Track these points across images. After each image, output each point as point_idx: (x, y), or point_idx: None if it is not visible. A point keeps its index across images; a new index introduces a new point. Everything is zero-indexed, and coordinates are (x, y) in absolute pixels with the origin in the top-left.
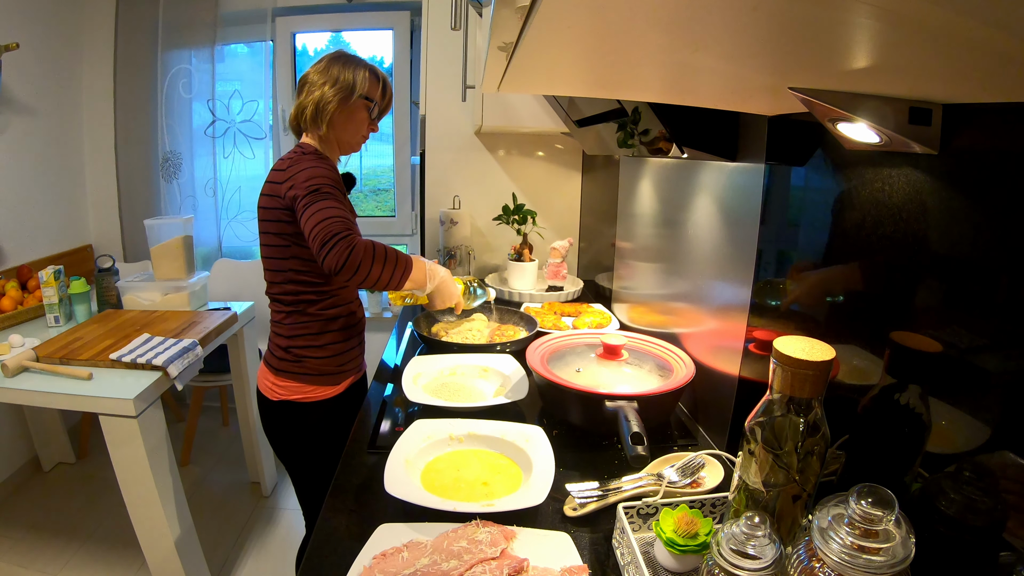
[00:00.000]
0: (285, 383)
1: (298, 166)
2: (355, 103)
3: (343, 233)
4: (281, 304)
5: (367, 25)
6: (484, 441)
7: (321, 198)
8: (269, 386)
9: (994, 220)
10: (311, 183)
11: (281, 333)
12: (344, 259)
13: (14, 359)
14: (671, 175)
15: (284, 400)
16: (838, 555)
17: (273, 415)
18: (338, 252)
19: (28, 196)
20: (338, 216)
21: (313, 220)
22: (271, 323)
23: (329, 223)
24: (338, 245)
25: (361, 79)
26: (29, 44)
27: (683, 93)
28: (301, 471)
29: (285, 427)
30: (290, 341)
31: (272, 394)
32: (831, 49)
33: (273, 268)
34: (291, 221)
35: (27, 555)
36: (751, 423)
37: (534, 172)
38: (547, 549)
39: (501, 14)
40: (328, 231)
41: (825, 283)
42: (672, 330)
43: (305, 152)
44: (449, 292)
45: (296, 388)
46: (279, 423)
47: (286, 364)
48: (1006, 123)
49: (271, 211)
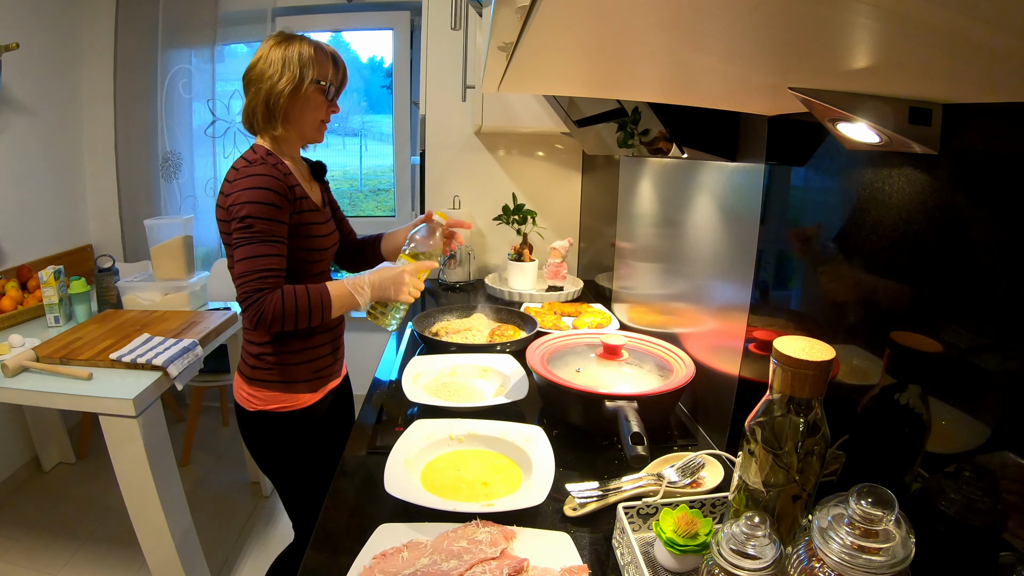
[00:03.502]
0: (261, 392)
1: (241, 183)
2: (308, 90)
3: (254, 296)
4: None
5: (367, 25)
6: (484, 441)
7: (247, 239)
8: (245, 396)
9: (994, 220)
10: (244, 212)
11: (252, 340)
12: (256, 321)
13: (14, 359)
14: (671, 175)
15: (261, 411)
16: (838, 555)
17: (251, 426)
18: (251, 315)
19: (28, 196)
20: (256, 270)
21: (236, 269)
22: (243, 331)
23: (246, 280)
24: (250, 309)
25: (308, 61)
26: (29, 44)
27: (683, 93)
28: (286, 482)
29: (265, 438)
30: (261, 348)
31: (248, 404)
32: (831, 49)
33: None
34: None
35: (27, 555)
36: (751, 423)
37: (534, 172)
38: (547, 549)
39: (501, 14)
40: (244, 289)
41: (825, 283)
42: (672, 330)
43: (250, 161)
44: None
45: (272, 397)
46: (258, 435)
47: (259, 372)
48: (1006, 123)
49: (226, 223)
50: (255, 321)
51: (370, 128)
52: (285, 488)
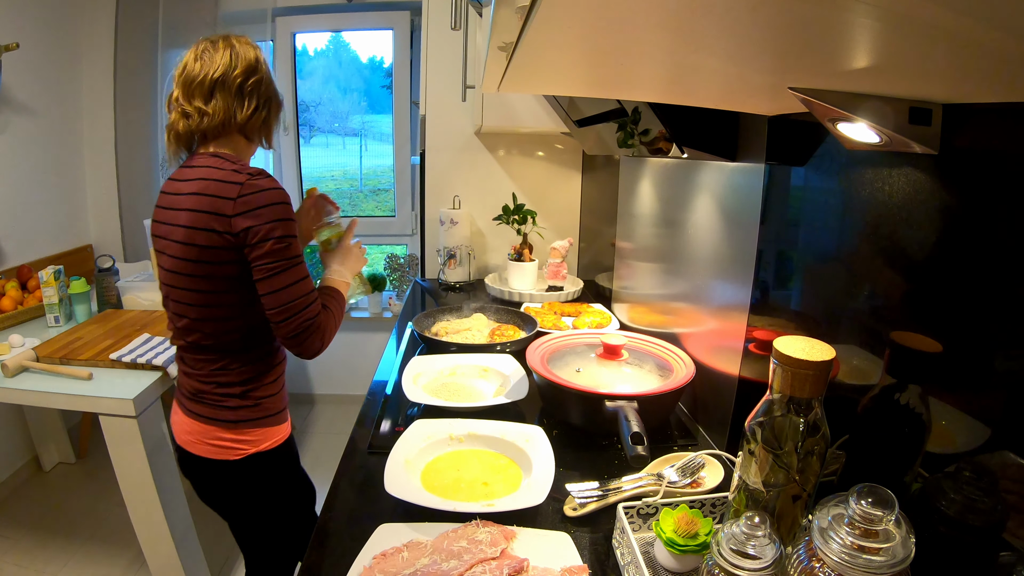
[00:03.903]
0: (250, 434)
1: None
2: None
3: (316, 320)
4: (227, 350)
5: (367, 25)
6: (484, 441)
7: (290, 264)
8: (228, 446)
9: (994, 220)
10: (280, 231)
11: (231, 381)
12: (323, 344)
13: (14, 359)
14: (671, 175)
15: (252, 455)
16: (838, 555)
17: (234, 477)
18: (318, 339)
19: (28, 196)
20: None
21: (286, 295)
22: (206, 375)
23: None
24: (315, 334)
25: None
26: (29, 44)
27: (683, 93)
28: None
29: (252, 484)
30: (245, 386)
31: (234, 453)
32: (831, 49)
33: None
34: (240, 261)
35: (27, 555)
36: (751, 423)
37: (534, 172)
38: (547, 549)
39: (501, 14)
40: (306, 315)
41: (826, 283)
42: (672, 330)
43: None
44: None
45: (263, 435)
46: (244, 482)
47: (245, 412)
48: (1006, 123)
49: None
50: (319, 346)
51: (370, 128)
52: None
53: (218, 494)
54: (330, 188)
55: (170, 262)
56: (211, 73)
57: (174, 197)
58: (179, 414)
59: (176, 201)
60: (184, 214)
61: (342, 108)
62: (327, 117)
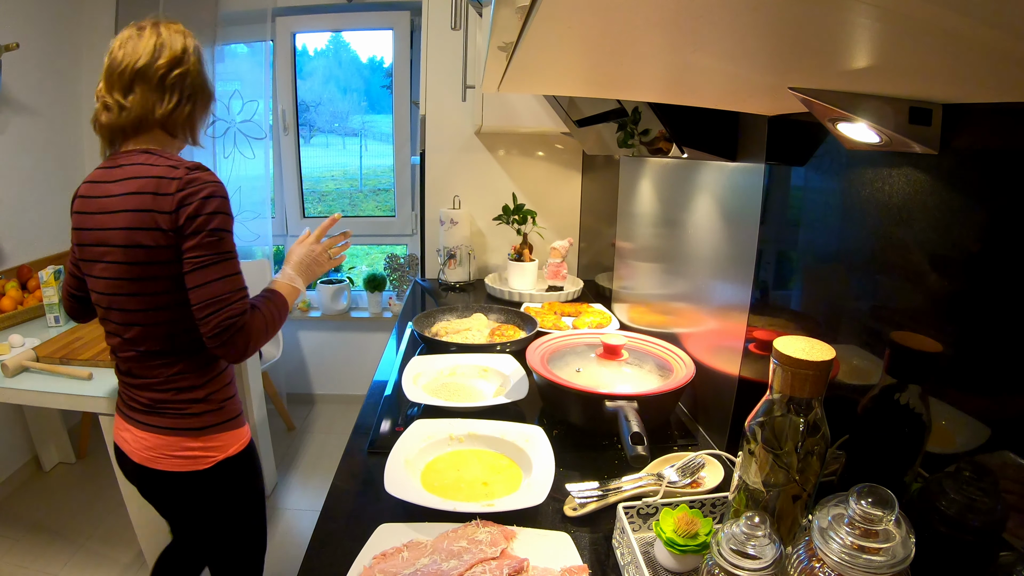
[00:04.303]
0: (217, 440)
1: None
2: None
3: (240, 318)
4: (184, 353)
5: (367, 25)
6: (484, 441)
7: (221, 256)
8: (194, 456)
9: (994, 220)
10: (215, 223)
11: (192, 385)
12: (247, 345)
13: (14, 359)
14: (671, 175)
15: (222, 460)
16: (838, 555)
17: (204, 486)
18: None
19: (28, 196)
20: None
21: (212, 289)
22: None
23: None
24: (239, 334)
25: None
26: (29, 44)
27: (683, 93)
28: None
29: (222, 491)
30: (207, 389)
31: (201, 463)
32: (831, 49)
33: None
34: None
35: (27, 555)
36: (751, 423)
37: (534, 172)
38: (547, 549)
39: (501, 14)
40: (229, 312)
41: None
42: (672, 330)
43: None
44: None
45: (229, 439)
46: (214, 491)
47: (210, 417)
48: (1006, 123)
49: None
50: (244, 348)
51: (370, 128)
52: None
53: (186, 508)
54: (330, 188)
55: (111, 270)
56: (133, 63)
57: (103, 200)
58: (132, 431)
59: (107, 204)
60: (122, 216)
61: (342, 108)
62: (327, 117)
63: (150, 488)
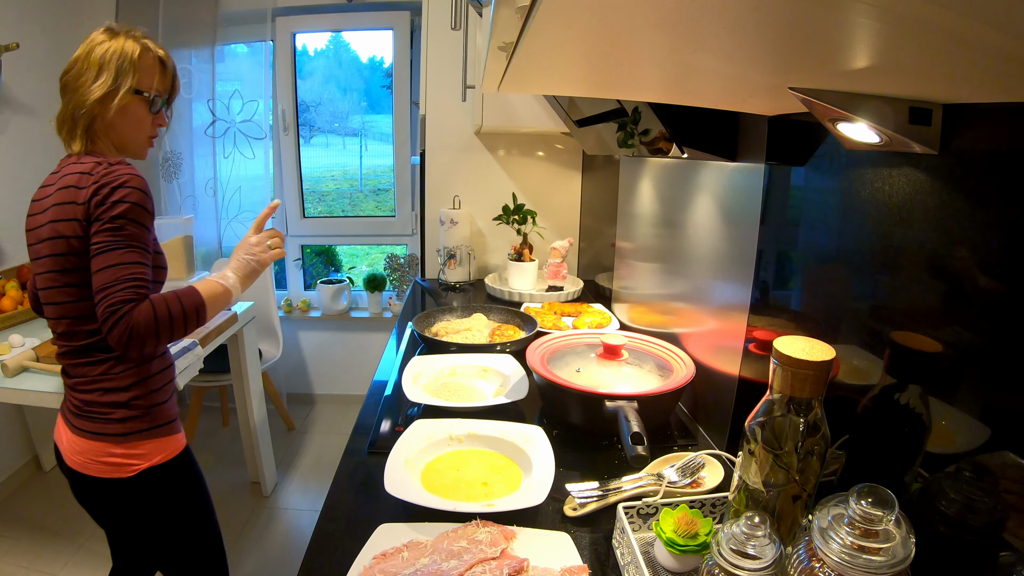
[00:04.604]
0: (140, 447)
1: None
2: (124, 101)
3: (122, 307)
4: (104, 351)
5: (367, 25)
6: (484, 441)
7: (116, 244)
8: (117, 463)
9: (994, 220)
10: (117, 211)
11: (116, 387)
12: (126, 338)
13: (14, 359)
14: (671, 175)
15: (145, 470)
16: (838, 555)
17: (130, 495)
18: (119, 331)
19: (28, 196)
20: (125, 278)
21: (101, 278)
22: (88, 382)
23: (114, 290)
24: (119, 324)
25: (129, 65)
26: (29, 44)
27: (683, 93)
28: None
29: (149, 501)
30: (130, 392)
31: (124, 470)
32: (831, 49)
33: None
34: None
35: (27, 555)
36: (751, 423)
37: (534, 172)
38: (547, 549)
39: (501, 14)
40: (110, 300)
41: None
42: (672, 330)
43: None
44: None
45: (155, 447)
46: (140, 500)
47: (133, 423)
48: (1006, 123)
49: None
50: (125, 338)
51: (370, 128)
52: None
53: (116, 517)
54: (330, 188)
55: (43, 264)
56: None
57: (42, 201)
58: (67, 433)
59: (44, 204)
60: (50, 211)
61: (342, 108)
62: (327, 117)
63: (80, 493)
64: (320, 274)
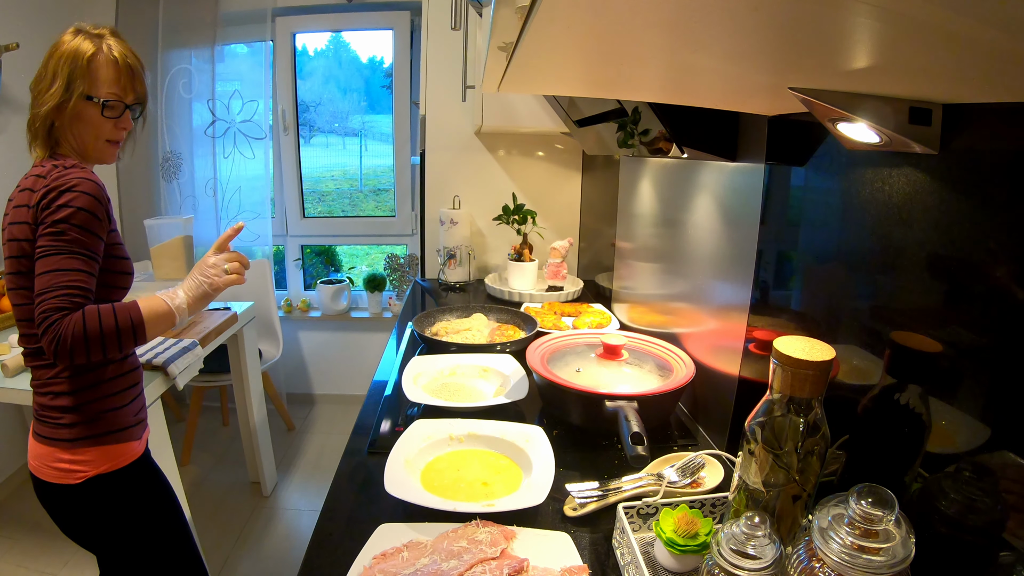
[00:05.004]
0: (88, 454)
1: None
2: (77, 106)
3: (53, 315)
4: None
5: (367, 25)
6: (484, 441)
7: (56, 249)
8: (66, 468)
9: (994, 220)
10: (60, 215)
11: (64, 391)
12: (54, 347)
13: (14, 359)
14: (671, 175)
15: (91, 478)
16: (838, 555)
17: (79, 502)
18: (48, 339)
19: None
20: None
21: (38, 284)
22: (41, 385)
23: (47, 297)
24: (48, 332)
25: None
26: (29, 44)
27: (683, 93)
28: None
29: (99, 511)
30: (79, 396)
31: (71, 477)
32: (831, 49)
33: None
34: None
35: (27, 555)
36: (751, 423)
37: (534, 172)
38: (547, 549)
39: (501, 14)
40: (43, 307)
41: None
42: (672, 330)
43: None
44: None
45: (104, 455)
46: (90, 509)
47: (82, 429)
48: (1006, 123)
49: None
50: (53, 347)
51: (370, 128)
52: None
53: (70, 524)
54: (330, 188)
55: (7, 266)
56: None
57: (8, 205)
58: (30, 436)
59: (8, 208)
60: (10, 215)
61: (342, 108)
62: (327, 117)
63: (40, 497)
64: (320, 274)
